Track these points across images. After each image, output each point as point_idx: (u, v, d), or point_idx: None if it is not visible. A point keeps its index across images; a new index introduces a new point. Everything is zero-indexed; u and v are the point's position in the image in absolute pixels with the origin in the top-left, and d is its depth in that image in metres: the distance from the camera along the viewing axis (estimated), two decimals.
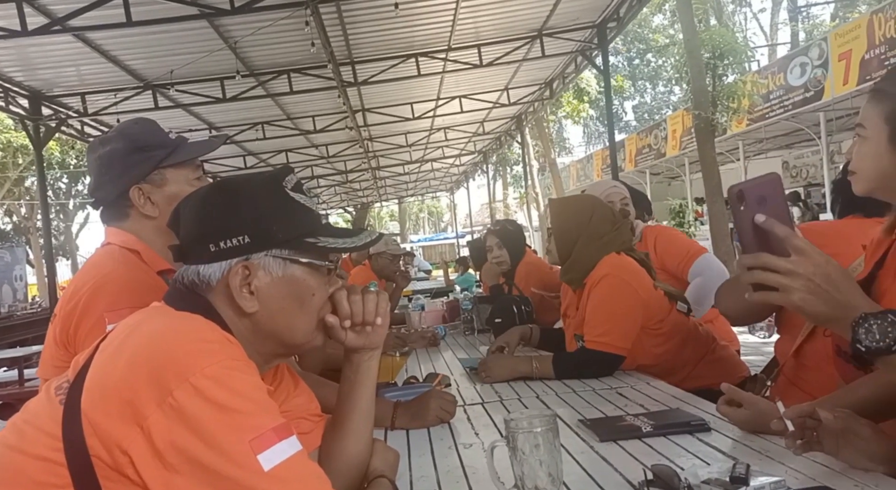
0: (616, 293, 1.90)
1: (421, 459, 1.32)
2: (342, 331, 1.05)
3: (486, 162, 19.24)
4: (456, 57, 8.35)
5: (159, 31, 6.02)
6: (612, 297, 1.90)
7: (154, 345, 0.86)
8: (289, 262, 0.98)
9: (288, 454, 0.83)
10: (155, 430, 0.79)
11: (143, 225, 1.38)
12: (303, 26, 6.01)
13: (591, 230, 2.01)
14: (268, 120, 10.42)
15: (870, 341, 0.87)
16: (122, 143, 1.36)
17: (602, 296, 1.91)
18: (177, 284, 0.99)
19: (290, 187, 1.03)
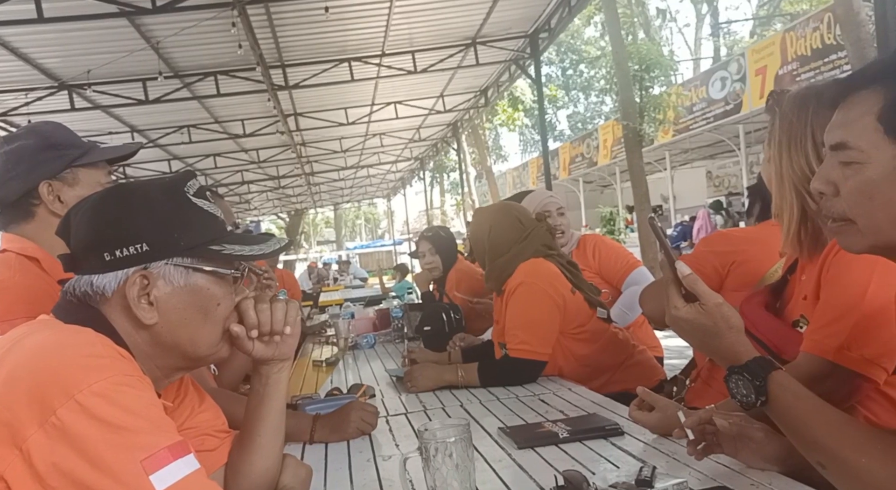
0: (532, 300, 1.93)
1: (338, 474, 1.28)
2: (249, 341, 1.01)
3: (422, 168, 19.29)
4: (390, 62, 8.32)
5: (75, 28, 5.73)
6: (529, 305, 1.92)
7: (36, 360, 0.80)
8: (191, 271, 0.94)
9: (184, 473, 0.78)
10: (35, 452, 0.73)
11: (48, 226, 1.31)
12: (229, 27, 5.85)
13: (493, 241, 2.06)
14: (194, 123, 10.10)
15: (741, 396, 0.91)
16: (34, 140, 1.31)
17: (519, 304, 1.94)
18: (67, 296, 0.93)
19: (192, 193, 0.98)
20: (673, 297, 0.94)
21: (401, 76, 8.71)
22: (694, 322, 0.92)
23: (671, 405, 1.24)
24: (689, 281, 0.93)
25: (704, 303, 0.92)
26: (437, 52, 8.31)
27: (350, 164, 16.43)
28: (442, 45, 8.19)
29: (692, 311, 0.92)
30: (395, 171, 19.55)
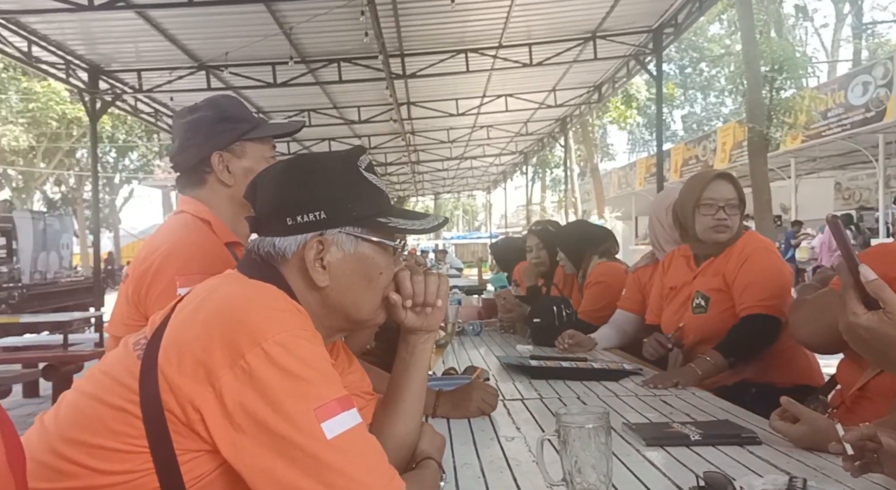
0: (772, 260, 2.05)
1: (463, 448, 1.33)
2: (403, 310, 1.07)
3: (526, 163, 19.14)
4: (506, 55, 8.32)
5: (217, 12, 6.15)
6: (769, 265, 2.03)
7: (228, 309, 0.88)
8: (360, 240, 1.00)
9: (349, 425, 0.85)
10: (226, 391, 0.81)
11: (218, 193, 1.44)
12: (356, 16, 6.06)
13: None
14: (314, 107, 10.54)
15: None
16: (211, 112, 1.43)
17: (758, 263, 2.00)
18: (251, 254, 1.02)
19: (363, 167, 1.05)
20: (852, 303, 0.89)
21: (515, 69, 8.69)
22: (877, 331, 0.87)
23: (819, 418, 1.18)
24: (874, 286, 0.88)
25: (891, 310, 0.87)
26: (554, 45, 8.21)
27: (455, 155, 16.60)
28: (560, 38, 8.08)
29: (875, 319, 0.87)
30: (497, 164, 19.54)
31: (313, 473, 0.80)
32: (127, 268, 1.41)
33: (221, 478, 0.86)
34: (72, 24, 6.58)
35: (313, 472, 0.80)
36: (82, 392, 0.91)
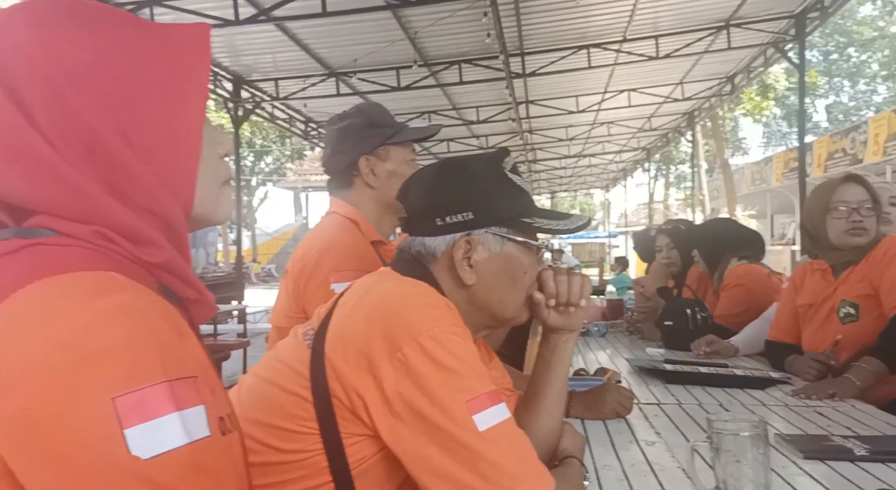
0: None
1: (601, 450, 1.32)
2: (545, 309, 1.08)
3: (648, 159, 18.43)
4: (630, 48, 8.06)
5: (347, 21, 6.45)
6: None
7: (387, 305, 0.94)
8: (506, 240, 1.03)
9: (500, 418, 0.87)
10: (385, 380, 0.86)
11: (364, 194, 1.53)
12: (478, 17, 6.14)
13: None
14: (434, 109, 10.78)
15: None
16: (360, 119, 1.52)
17: None
18: (403, 253, 1.07)
19: (508, 169, 1.07)
20: None
21: (639, 62, 8.39)
22: None
23: None
24: None
25: None
26: (683, 36, 7.85)
27: (573, 153, 16.31)
28: (689, 28, 7.71)
29: None
30: (618, 161, 18.97)
31: (467, 463, 0.82)
32: (287, 265, 1.53)
33: (382, 461, 0.91)
34: (219, 38, 7.19)
35: (467, 462, 0.83)
36: (261, 377, 1.00)
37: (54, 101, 0.55)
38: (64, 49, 0.56)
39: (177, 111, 0.60)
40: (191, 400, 0.48)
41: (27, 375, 0.45)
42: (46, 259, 0.52)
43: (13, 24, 0.56)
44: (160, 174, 0.59)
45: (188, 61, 0.62)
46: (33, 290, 0.49)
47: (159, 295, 0.57)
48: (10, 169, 0.54)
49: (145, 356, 0.47)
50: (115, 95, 0.57)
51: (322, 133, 11.36)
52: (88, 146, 0.55)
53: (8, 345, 0.46)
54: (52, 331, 0.46)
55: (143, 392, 0.45)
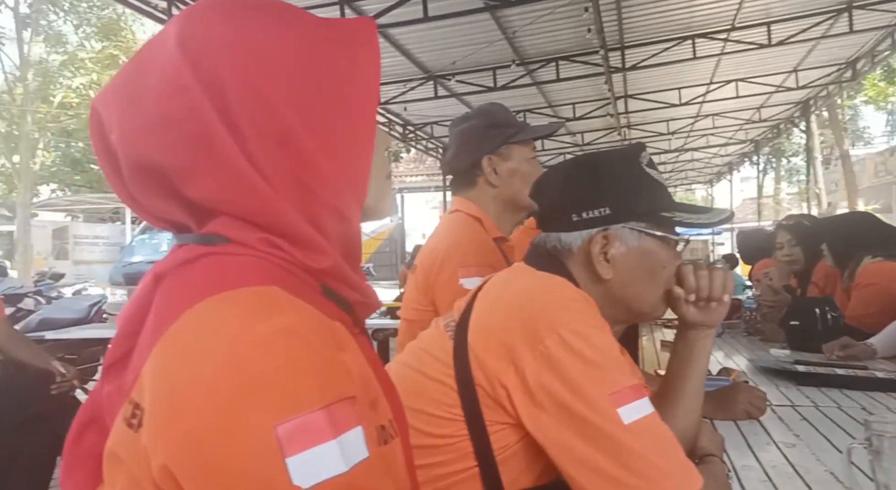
0: None
1: (738, 451, 1.28)
2: (685, 305, 1.07)
3: (757, 152, 17.42)
4: (739, 37, 7.66)
5: (446, 25, 6.56)
6: None
7: (528, 298, 0.97)
8: (644, 235, 1.03)
9: (644, 412, 0.87)
10: (527, 371, 0.89)
11: (486, 193, 1.58)
12: (578, 13, 6.07)
13: None
14: (530, 108, 10.72)
15: None
16: (482, 120, 1.57)
17: None
18: (538, 249, 1.10)
19: (644, 163, 1.07)
20: None
21: (749, 51, 7.96)
22: None
23: None
24: None
25: None
26: (798, 21, 7.38)
27: (674, 148, 15.69)
28: (806, 12, 7.23)
29: None
30: (723, 154, 18.05)
31: (613, 455, 0.83)
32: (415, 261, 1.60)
33: (524, 448, 0.94)
34: None
35: (613, 454, 0.83)
36: (407, 365, 1.06)
37: (252, 96, 0.55)
38: (259, 42, 0.57)
39: (355, 104, 0.61)
40: (348, 422, 0.48)
41: (197, 398, 0.46)
42: (219, 270, 0.55)
43: (211, 21, 0.57)
44: (341, 167, 0.60)
45: (362, 55, 0.62)
46: (205, 310, 0.51)
47: (322, 298, 0.59)
48: (196, 165, 0.55)
49: (305, 382, 0.48)
50: (305, 89, 0.58)
51: (419, 135, 11.60)
52: (280, 139, 0.56)
53: (182, 365, 0.49)
54: (219, 355, 0.48)
55: (303, 419, 0.46)
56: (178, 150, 0.55)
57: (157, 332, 0.51)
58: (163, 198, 0.58)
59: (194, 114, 0.54)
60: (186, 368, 0.48)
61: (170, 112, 0.54)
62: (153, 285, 0.57)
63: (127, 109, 0.56)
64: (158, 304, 0.54)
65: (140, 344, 0.53)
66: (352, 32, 0.63)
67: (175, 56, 0.55)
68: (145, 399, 0.49)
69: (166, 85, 0.55)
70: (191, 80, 0.54)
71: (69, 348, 3.97)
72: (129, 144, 0.56)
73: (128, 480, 0.50)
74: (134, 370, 0.52)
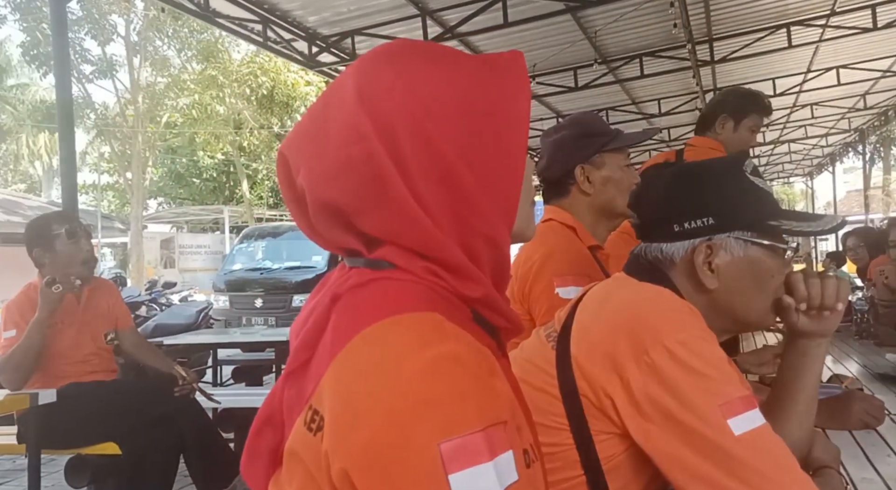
0: None
1: (855, 462, 1.24)
2: (795, 313, 1.05)
3: (862, 142, 16.23)
4: (840, 21, 7.19)
5: (528, 29, 6.55)
6: None
7: (631, 309, 0.98)
8: (750, 244, 1.02)
9: (756, 424, 0.85)
10: (632, 381, 0.89)
11: (580, 202, 1.59)
12: (663, 8, 5.91)
13: None
14: (613, 105, 10.49)
15: None
16: (575, 130, 1.59)
17: None
18: (639, 259, 1.10)
19: (749, 171, 1.06)
20: None
21: (851, 36, 7.46)
22: None
23: None
24: None
25: None
26: None
27: (769, 140, 14.88)
28: None
29: None
30: (823, 145, 16.94)
31: (725, 467, 0.82)
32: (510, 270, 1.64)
33: (631, 458, 0.94)
34: None
35: (725, 466, 0.82)
36: None
37: (420, 140, 0.60)
38: (424, 88, 0.61)
39: (507, 137, 0.64)
40: (502, 445, 0.52)
41: (373, 414, 0.51)
42: (387, 295, 0.60)
43: (383, 72, 0.62)
44: (495, 199, 0.63)
45: (513, 87, 0.65)
46: (378, 332, 0.56)
47: (472, 323, 0.63)
48: (372, 203, 0.61)
49: (466, 405, 0.51)
50: (465, 129, 0.62)
51: None
52: (442, 177, 0.61)
53: (360, 382, 0.54)
54: (392, 376, 0.53)
55: (464, 440, 0.49)
56: (356, 192, 0.61)
57: (335, 347, 0.57)
58: (341, 230, 0.64)
59: (371, 159, 0.59)
60: (363, 386, 0.53)
61: (350, 158, 0.60)
62: (331, 304, 0.63)
63: (313, 155, 0.63)
64: (336, 322, 0.60)
65: (318, 356, 0.60)
66: (504, 68, 0.66)
67: (354, 106, 0.61)
68: (325, 407, 0.55)
69: (347, 133, 0.61)
70: (368, 128, 0.59)
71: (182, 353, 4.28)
72: (314, 186, 0.63)
73: (305, 477, 0.57)
74: (313, 379, 0.59)
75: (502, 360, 0.68)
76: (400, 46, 0.66)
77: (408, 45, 0.66)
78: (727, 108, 2.44)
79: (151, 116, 18.57)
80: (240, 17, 5.87)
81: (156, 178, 21.55)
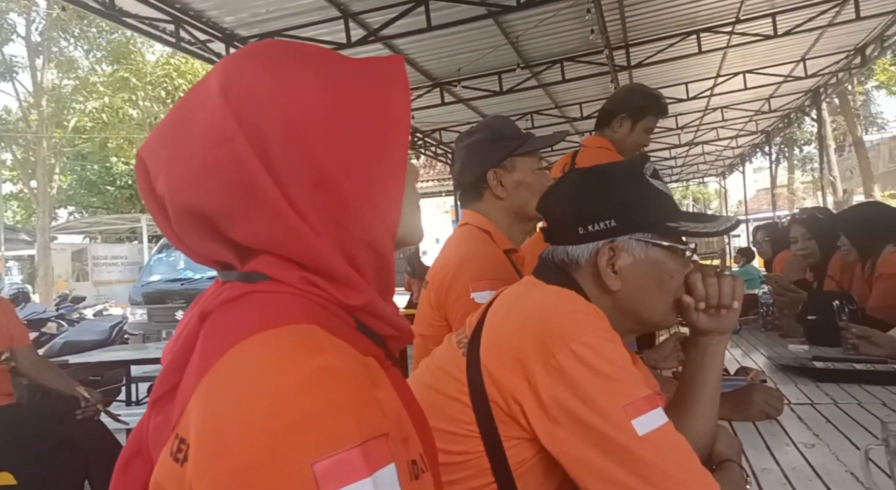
0: None
1: (756, 452, 1.29)
2: (695, 312, 1.08)
3: (768, 143, 17.25)
4: (745, 29, 7.62)
5: (451, 33, 6.58)
6: None
7: (538, 312, 0.98)
8: (650, 246, 1.04)
9: (658, 423, 0.88)
10: (541, 386, 0.90)
11: (494, 206, 1.59)
12: (580, 15, 6.07)
13: None
14: (537, 109, 10.71)
15: None
16: (486, 134, 1.59)
17: None
18: (547, 262, 1.11)
19: (649, 174, 1.08)
20: None
21: (755, 43, 7.92)
22: None
23: None
24: None
25: None
26: (803, 10, 7.31)
27: (684, 142, 15.59)
28: (811, 1, 7.17)
29: None
30: (734, 146, 17.90)
31: (629, 466, 0.84)
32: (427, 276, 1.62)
33: (541, 463, 0.95)
34: None
35: (629, 465, 0.84)
36: (421, 383, 1.07)
37: (292, 143, 0.57)
38: (296, 88, 0.59)
39: (387, 142, 0.62)
40: (383, 459, 0.50)
41: (241, 438, 0.48)
42: (260, 309, 0.57)
43: (251, 71, 0.59)
44: (374, 205, 0.61)
45: (393, 93, 0.64)
46: (248, 349, 0.53)
47: (356, 333, 0.61)
48: (242, 210, 0.57)
49: (342, 421, 0.49)
50: (340, 132, 0.60)
51: (428, 142, 11.64)
52: (317, 181, 0.58)
53: (227, 403, 0.50)
54: (263, 394, 0.49)
55: (341, 457, 0.48)
56: (222, 196, 0.57)
57: (202, 369, 0.53)
58: (208, 239, 0.60)
59: (238, 163, 0.56)
60: (231, 407, 0.50)
61: (215, 161, 0.57)
62: (199, 323, 0.59)
63: (172, 158, 0.59)
64: (204, 341, 0.57)
65: (185, 380, 0.56)
66: (382, 72, 0.64)
67: (219, 107, 0.57)
68: (191, 435, 0.51)
69: (211, 135, 0.57)
70: (235, 130, 0.56)
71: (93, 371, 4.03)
72: (175, 191, 0.58)
73: None
74: (180, 405, 0.54)
75: (391, 369, 0.66)
76: (270, 44, 0.63)
77: (279, 44, 0.63)
78: (628, 106, 2.51)
79: (58, 121, 17.53)
80: (150, 16, 5.61)
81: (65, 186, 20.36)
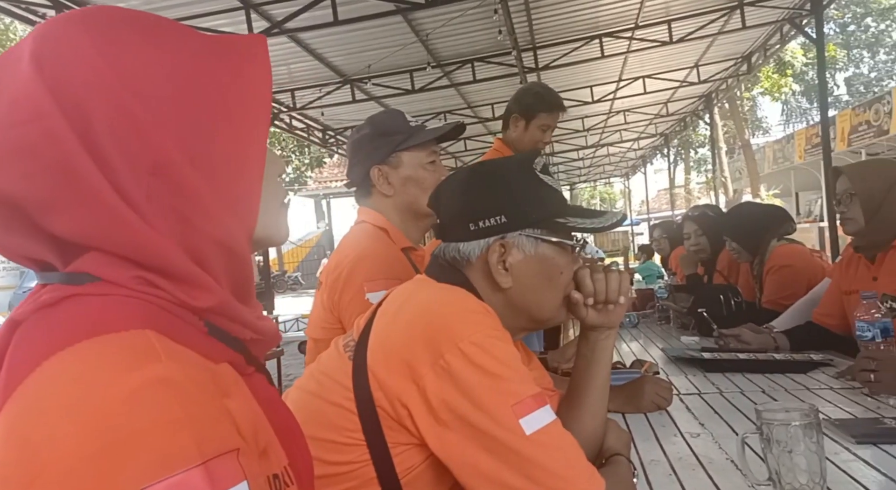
0: None
1: (646, 444, 1.31)
2: (584, 308, 1.08)
3: (667, 145, 18.22)
4: (643, 35, 7.98)
5: (359, 28, 6.48)
6: None
7: (426, 313, 0.94)
8: (540, 241, 1.03)
9: (546, 421, 0.87)
10: (429, 388, 0.87)
11: (384, 203, 1.54)
12: (489, 15, 6.13)
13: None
14: (450, 109, 10.77)
15: None
16: (370, 130, 1.53)
17: None
18: (438, 260, 1.08)
19: (538, 169, 1.07)
20: None
21: (652, 49, 8.31)
22: None
23: None
24: None
25: None
26: (696, 19, 7.75)
27: (590, 143, 16.19)
28: (702, 10, 7.60)
29: None
30: (636, 148, 18.78)
31: (516, 467, 0.83)
32: (320, 276, 1.55)
33: (430, 469, 0.92)
34: None
35: (516, 466, 0.83)
36: (306, 390, 1.01)
37: (121, 121, 0.50)
38: (128, 60, 0.52)
39: (242, 129, 0.57)
40: (230, 478, 0.44)
41: (56, 465, 0.41)
42: (83, 315, 0.50)
43: (71, 37, 0.51)
44: (226, 198, 0.55)
45: (250, 73, 0.58)
46: (64, 361, 0.46)
47: (208, 338, 0.54)
48: (62, 198, 0.50)
49: (179, 438, 0.43)
50: (182, 112, 0.53)
51: (340, 140, 11.43)
52: (154, 168, 0.51)
53: (37, 425, 0.43)
54: (82, 412, 0.42)
55: (178, 479, 0.41)
56: (35, 181, 0.49)
57: (8, 387, 0.46)
58: (21, 233, 0.52)
59: (53, 141, 0.49)
60: (42, 429, 0.42)
61: (25, 139, 0.49)
62: (9, 332, 0.51)
63: None
64: (12, 354, 0.49)
65: None
66: (239, 50, 0.58)
67: (30, 77, 0.50)
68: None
69: (20, 110, 0.49)
70: (48, 103, 0.49)
71: None
72: None
73: None
74: None
75: (254, 375, 0.59)
76: (99, 10, 0.55)
77: (110, 9, 0.55)
78: (519, 106, 2.57)
79: None
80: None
81: None
